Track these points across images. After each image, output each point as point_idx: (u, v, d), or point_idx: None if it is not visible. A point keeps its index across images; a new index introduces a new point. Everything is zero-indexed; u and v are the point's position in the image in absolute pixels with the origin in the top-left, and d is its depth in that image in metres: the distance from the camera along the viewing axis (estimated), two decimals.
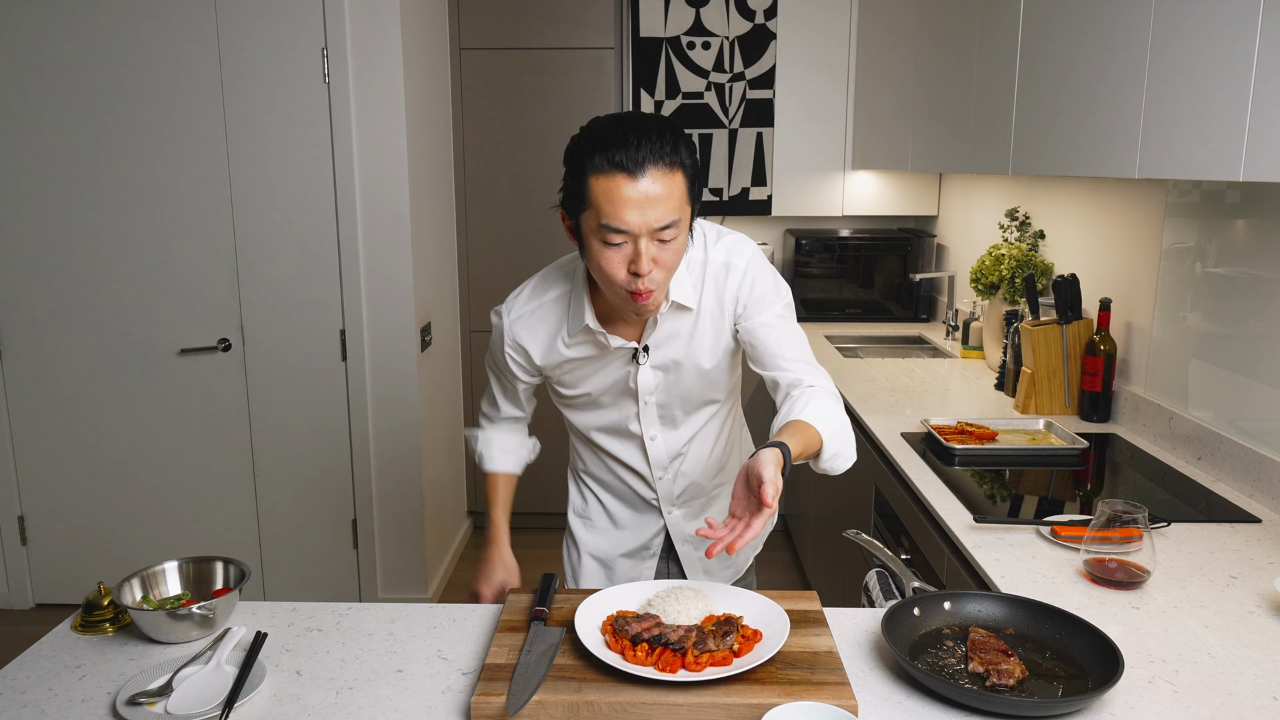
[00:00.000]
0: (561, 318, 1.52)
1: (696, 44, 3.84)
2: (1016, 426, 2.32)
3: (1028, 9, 2.20)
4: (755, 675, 1.18)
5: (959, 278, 3.65)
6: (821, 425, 1.40)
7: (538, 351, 1.54)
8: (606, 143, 1.28)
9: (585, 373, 1.56)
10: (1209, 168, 1.49)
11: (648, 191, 1.28)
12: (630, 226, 1.29)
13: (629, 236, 1.30)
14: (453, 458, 3.83)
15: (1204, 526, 1.75)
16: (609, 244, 1.31)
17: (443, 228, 3.66)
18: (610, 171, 1.27)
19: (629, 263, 1.32)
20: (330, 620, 1.40)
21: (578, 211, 1.34)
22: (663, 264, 1.33)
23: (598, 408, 1.61)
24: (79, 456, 3.25)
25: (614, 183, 1.27)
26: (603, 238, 1.31)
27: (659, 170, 1.28)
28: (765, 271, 1.52)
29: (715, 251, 1.50)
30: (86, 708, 1.18)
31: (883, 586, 1.59)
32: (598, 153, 1.28)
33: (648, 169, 1.27)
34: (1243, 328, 1.96)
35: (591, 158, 1.29)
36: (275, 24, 2.97)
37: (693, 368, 1.54)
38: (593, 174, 1.29)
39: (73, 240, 3.10)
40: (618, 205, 1.28)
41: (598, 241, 1.32)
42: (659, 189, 1.28)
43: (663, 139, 1.29)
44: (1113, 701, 1.16)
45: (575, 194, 1.33)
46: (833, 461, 1.44)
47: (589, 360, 1.54)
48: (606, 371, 1.55)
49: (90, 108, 3.01)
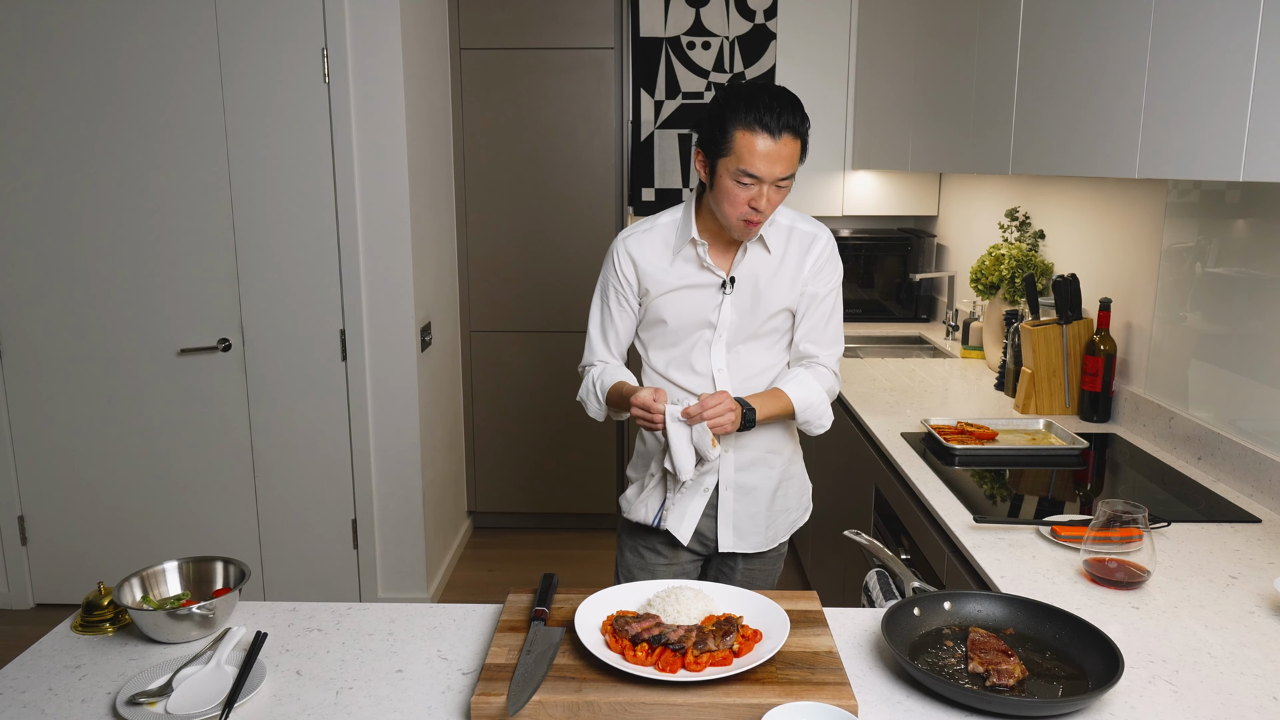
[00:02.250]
0: (668, 238, 1.80)
1: (696, 44, 3.84)
2: (1016, 426, 2.32)
3: (1028, 9, 2.20)
4: (755, 675, 1.18)
5: (959, 278, 3.65)
6: (798, 395, 1.78)
7: (645, 263, 1.80)
8: (756, 105, 1.60)
9: (675, 298, 1.79)
10: (1209, 168, 1.49)
11: (780, 151, 1.60)
12: (762, 175, 1.61)
13: (758, 181, 1.62)
14: (453, 458, 3.83)
15: (1204, 526, 1.75)
16: (741, 184, 1.63)
17: (443, 228, 3.66)
18: (755, 129, 1.59)
19: (751, 200, 1.64)
20: (330, 620, 1.40)
21: (717, 155, 1.65)
22: (773, 204, 1.67)
23: (675, 342, 1.83)
24: (79, 456, 3.25)
25: (756, 138, 1.60)
26: (737, 179, 1.63)
27: (789, 136, 1.60)
28: (838, 258, 1.86)
29: (805, 224, 1.83)
30: (86, 708, 1.18)
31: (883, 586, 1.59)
32: (749, 111, 1.60)
33: (784, 133, 1.60)
34: (1243, 328, 1.96)
35: (743, 114, 1.60)
36: (275, 24, 2.97)
37: (764, 309, 1.80)
38: (740, 127, 1.60)
39: (73, 240, 3.10)
40: (757, 157, 1.60)
41: (731, 180, 1.64)
42: (787, 150, 1.61)
43: (795, 112, 1.61)
44: (1113, 701, 1.16)
45: (719, 140, 1.64)
46: (804, 426, 1.84)
47: (681, 289, 1.79)
48: (694, 300, 1.79)
49: (90, 108, 3.01)
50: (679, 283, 1.79)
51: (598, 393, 1.88)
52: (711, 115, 1.66)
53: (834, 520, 2.92)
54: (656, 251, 1.80)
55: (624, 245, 1.82)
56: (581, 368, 1.97)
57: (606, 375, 1.88)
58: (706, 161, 1.70)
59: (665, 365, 1.87)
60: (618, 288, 1.84)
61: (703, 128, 1.69)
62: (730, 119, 1.62)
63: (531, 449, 4.03)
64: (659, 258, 1.79)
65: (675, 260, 1.79)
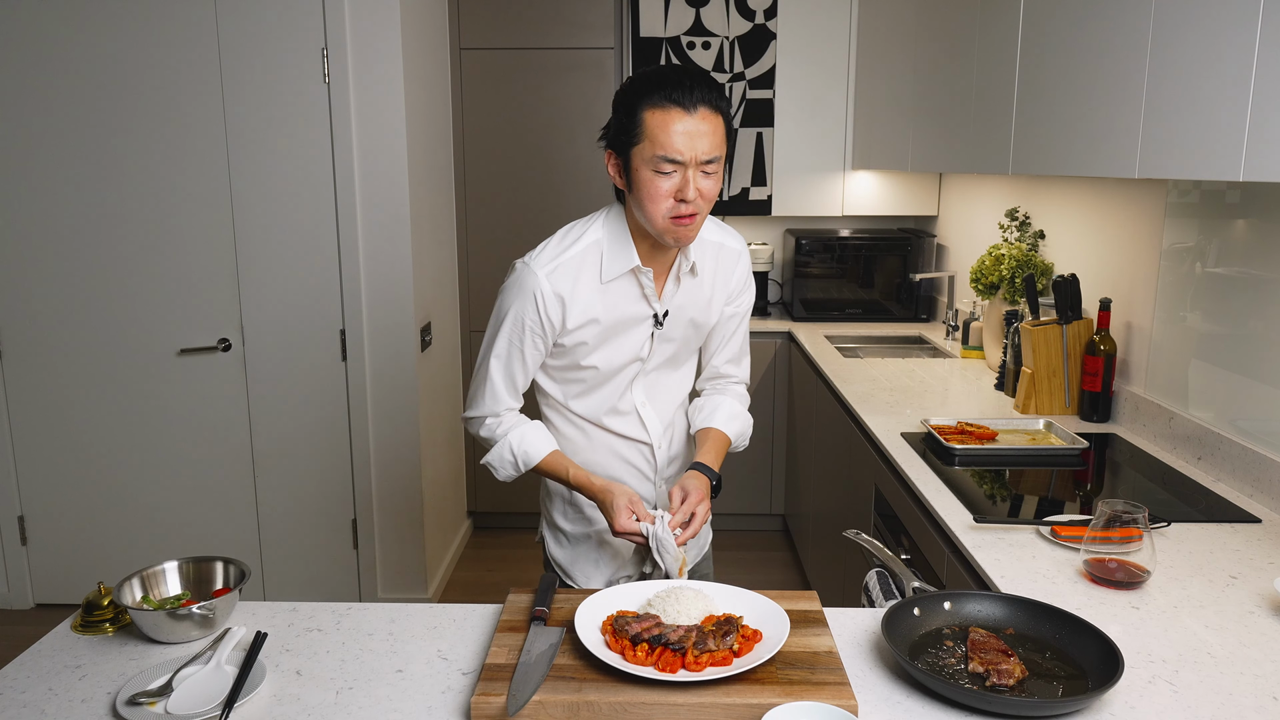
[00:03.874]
0: (595, 266, 1.56)
1: (696, 44, 3.84)
2: (1016, 426, 2.32)
3: (1028, 9, 2.20)
4: (755, 675, 1.18)
5: (959, 278, 3.66)
6: (734, 431, 1.75)
7: (577, 302, 1.55)
8: (663, 82, 1.43)
9: (610, 340, 1.60)
10: (1209, 168, 1.49)
11: (698, 126, 1.42)
12: (682, 155, 1.43)
13: (679, 166, 1.44)
14: (453, 458, 3.83)
15: (1204, 526, 1.75)
16: (660, 173, 1.44)
17: (443, 228, 3.66)
18: (666, 106, 1.42)
19: (676, 191, 1.45)
20: (330, 620, 1.40)
21: (629, 146, 1.46)
22: (705, 194, 1.46)
23: (601, 384, 1.65)
24: (79, 456, 3.25)
25: (669, 115, 1.42)
26: (655, 167, 1.44)
27: (707, 109, 1.43)
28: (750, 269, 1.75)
29: (730, 239, 1.69)
30: (86, 708, 1.18)
31: (883, 586, 1.59)
32: (655, 91, 1.43)
33: (699, 106, 1.42)
34: (1243, 328, 1.96)
35: (650, 95, 1.43)
36: (275, 24, 2.97)
37: (692, 339, 1.70)
38: (649, 109, 1.43)
39: (73, 240, 3.10)
40: (673, 136, 1.42)
41: (649, 171, 1.45)
42: (706, 126, 1.43)
43: (709, 84, 1.45)
44: (1113, 701, 1.16)
45: (628, 130, 1.46)
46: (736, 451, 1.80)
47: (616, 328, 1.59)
48: (629, 340, 1.61)
49: (90, 108, 3.01)
50: (612, 320, 1.58)
51: (519, 462, 1.63)
52: (617, 105, 1.49)
53: (834, 520, 2.92)
54: (588, 280, 1.55)
55: (550, 281, 1.53)
56: (476, 418, 1.66)
57: (526, 440, 1.63)
58: (619, 159, 1.50)
59: (591, 411, 1.67)
60: (536, 331, 1.57)
61: (609, 124, 1.50)
62: (638, 103, 1.44)
63: None
64: (589, 291, 1.55)
65: (605, 292, 1.56)
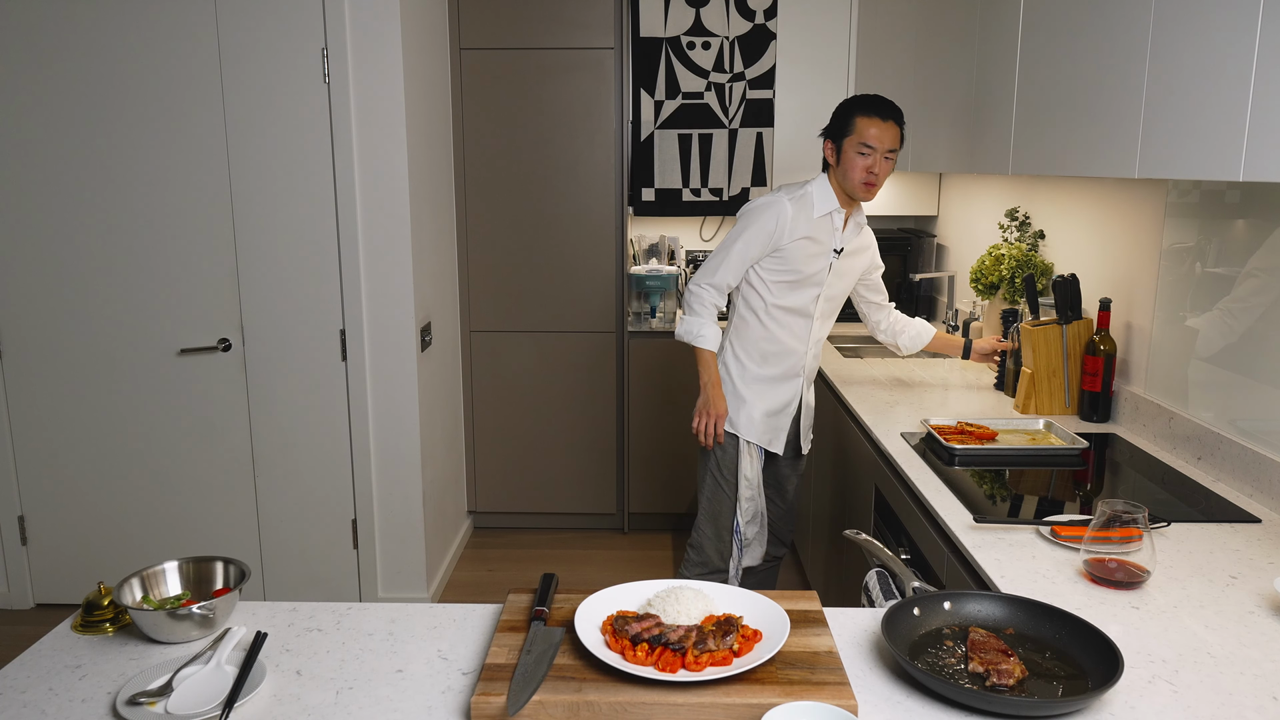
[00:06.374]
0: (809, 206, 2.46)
1: (696, 44, 3.84)
2: (1016, 426, 2.32)
3: (1028, 9, 2.20)
4: (755, 675, 1.18)
5: (959, 278, 3.66)
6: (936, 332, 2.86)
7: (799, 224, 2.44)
8: (873, 102, 2.39)
9: (805, 253, 2.47)
10: (1209, 168, 1.49)
11: (887, 131, 2.36)
12: (876, 144, 2.35)
13: (873, 151, 2.35)
14: (453, 458, 3.83)
15: (1204, 526, 1.75)
16: (861, 154, 2.36)
17: (443, 228, 3.66)
18: (872, 115, 2.37)
19: (869, 166, 2.37)
20: (330, 620, 1.40)
21: (842, 137, 2.40)
22: (884, 172, 2.39)
23: (797, 287, 2.51)
24: (79, 456, 3.25)
25: (872, 121, 2.36)
26: (858, 149, 2.37)
27: (893, 122, 2.38)
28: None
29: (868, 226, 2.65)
30: (86, 708, 1.18)
31: (883, 586, 1.59)
32: (868, 106, 2.38)
33: (890, 119, 2.37)
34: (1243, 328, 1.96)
35: (863, 108, 2.38)
36: (275, 24, 2.97)
37: (851, 275, 2.61)
38: (861, 115, 2.37)
39: (72, 240, 3.10)
40: (872, 130, 2.36)
41: (854, 152, 2.37)
42: (891, 132, 2.37)
43: (897, 111, 2.40)
44: (1113, 701, 1.16)
45: (843, 126, 2.40)
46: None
47: (809, 246, 2.47)
48: (816, 258, 2.49)
49: (90, 108, 3.01)
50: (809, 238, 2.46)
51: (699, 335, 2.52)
52: (838, 112, 2.44)
53: (834, 520, 2.92)
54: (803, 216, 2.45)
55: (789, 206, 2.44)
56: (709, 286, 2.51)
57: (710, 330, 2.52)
58: (833, 144, 2.43)
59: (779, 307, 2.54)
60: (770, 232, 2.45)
61: (830, 124, 2.45)
62: (854, 110, 2.38)
63: (531, 449, 4.03)
64: (805, 221, 2.45)
65: (812, 224, 2.45)
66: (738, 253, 2.47)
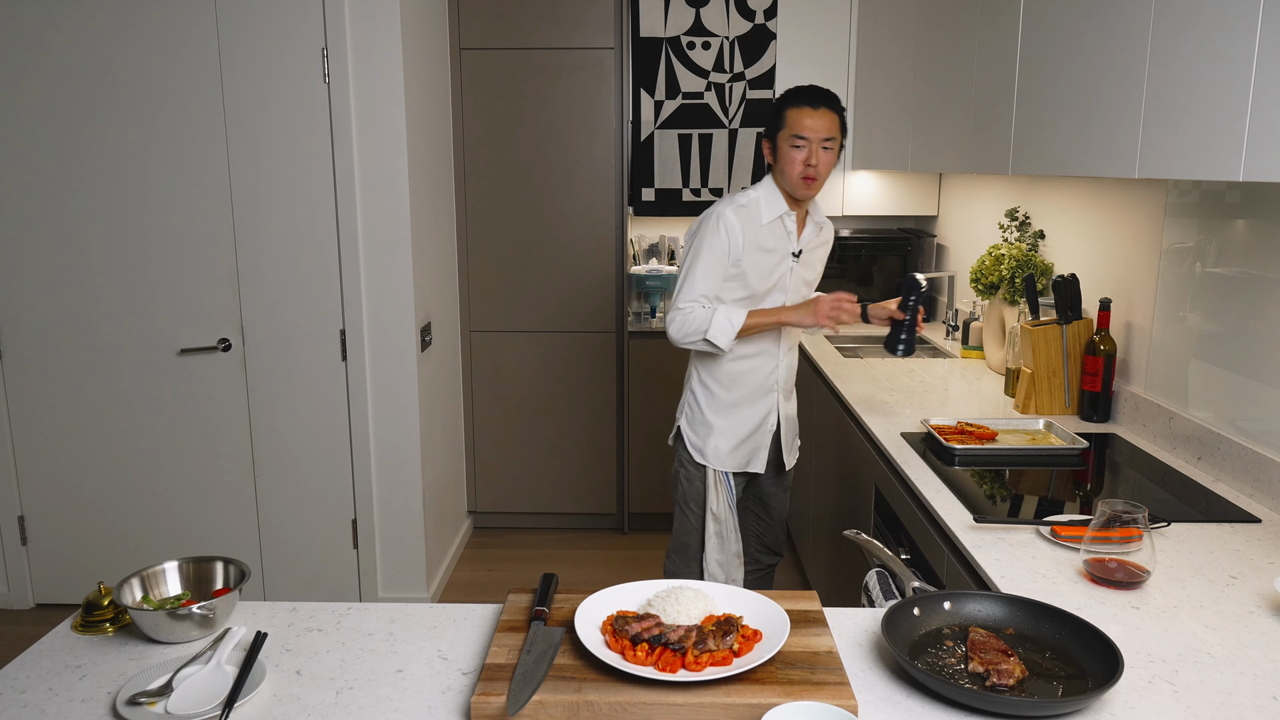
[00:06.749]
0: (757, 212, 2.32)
1: (696, 44, 3.84)
2: (1016, 426, 2.32)
3: (1028, 9, 2.20)
4: (755, 675, 1.18)
5: (959, 278, 3.66)
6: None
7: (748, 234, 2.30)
8: (800, 92, 2.27)
9: (763, 268, 2.34)
10: (1209, 168, 1.49)
11: (821, 119, 2.24)
12: (810, 134, 2.23)
13: (807, 142, 2.23)
14: (452, 458, 3.83)
15: (1204, 526, 1.75)
16: (795, 147, 2.25)
17: (443, 228, 3.66)
18: (802, 105, 2.25)
19: (804, 160, 2.24)
20: (330, 620, 1.40)
21: (776, 133, 2.29)
22: (823, 163, 2.26)
23: (760, 300, 2.36)
24: (79, 456, 3.25)
25: (803, 111, 2.24)
26: (791, 143, 2.25)
27: (826, 109, 2.25)
28: None
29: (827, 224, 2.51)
30: (86, 708, 1.18)
31: (883, 586, 1.59)
32: (797, 96, 2.27)
33: (821, 106, 2.25)
34: (1243, 328, 1.96)
35: (793, 99, 2.27)
36: (275, 24, 2.97)
37: (816, 267, 2.49)
38: (790, 108, 2.26)
39: (72, 240, 3.10)
40: (805, 121, 2.23)
41: (788, 147, 2.26)
42: (825, 119, 2.24)
43: (830, 97, 2.28)
44: (1113, 701, 1.16)
45: (776, 122, 2.29)
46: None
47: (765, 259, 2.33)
48: (774, 269, 2.35)
49: (90, 108, 3.01)
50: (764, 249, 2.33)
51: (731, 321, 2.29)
52: (771, 109, 2.33)
53: (834, 520, 2.92)
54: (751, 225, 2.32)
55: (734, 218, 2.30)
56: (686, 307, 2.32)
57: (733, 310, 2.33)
58: (770, 143, 2.32)
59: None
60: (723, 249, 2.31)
61: (766, 124, 2.35)
62: (784, 103, 2.28)
63: (531, 449, 4.03)
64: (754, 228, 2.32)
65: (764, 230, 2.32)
66: (701, 275, 2.30)
